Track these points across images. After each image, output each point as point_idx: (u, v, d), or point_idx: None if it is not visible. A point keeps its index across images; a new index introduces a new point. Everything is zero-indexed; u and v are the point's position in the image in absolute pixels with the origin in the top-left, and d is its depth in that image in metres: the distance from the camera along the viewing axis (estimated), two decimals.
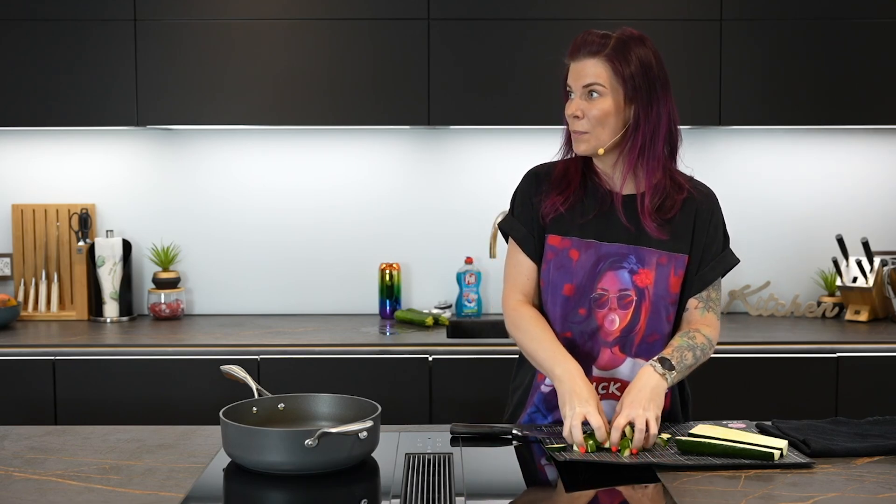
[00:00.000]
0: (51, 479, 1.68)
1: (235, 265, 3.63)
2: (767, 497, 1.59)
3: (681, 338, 1.98)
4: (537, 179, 2.06)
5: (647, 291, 1.99)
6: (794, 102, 3.27)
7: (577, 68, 1.95)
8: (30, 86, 3.23)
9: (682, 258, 2.00)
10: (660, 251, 1.99)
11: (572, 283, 1.99)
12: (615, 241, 1.99)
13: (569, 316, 2.00)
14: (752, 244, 3.66)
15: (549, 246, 2.02)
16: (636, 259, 1.98)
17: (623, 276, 1.98)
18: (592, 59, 1.93)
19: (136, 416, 2.98)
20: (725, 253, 2.07)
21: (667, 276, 1.99)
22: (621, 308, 1.99)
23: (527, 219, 2.05)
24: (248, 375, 1.92)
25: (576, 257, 1.99)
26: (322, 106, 3.24)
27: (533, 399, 2.08)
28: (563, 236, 2.01)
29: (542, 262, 2.03)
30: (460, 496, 1.59)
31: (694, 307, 2.04)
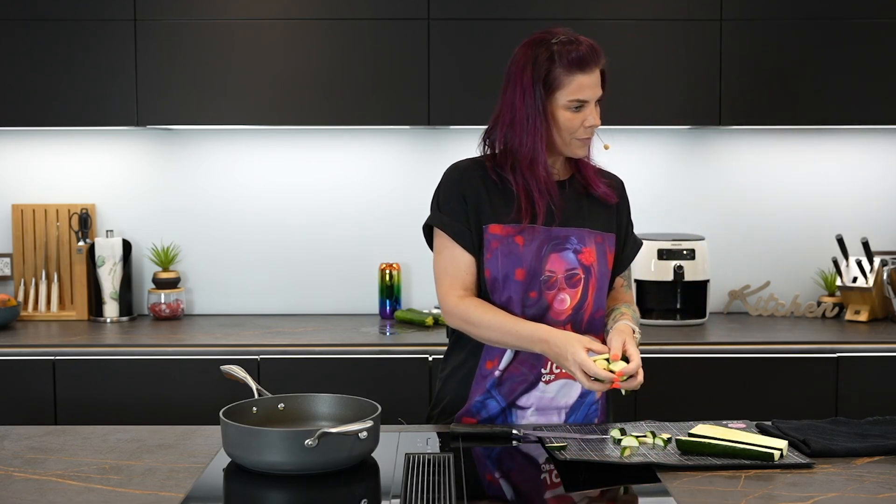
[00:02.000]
0: (51, 479, 1.68)
1: (235, 265, 3.63)
2: (767, 497, 1.59)
3: (629, 308, 2.12)
4: (465, 174, 2.09)
5: (592, 269, 2.07)
6: (794, 102, 3.27)
7: (593, 80, 2.01)
8: (30, 86, 3.23)
9: (612, 237, 2.13)
10: (595, 231, 2.09)
11: (523, 267, 2.03)
12: (555, 224, 2.06)
13: (522, 300, 2.04)
14: (752, 244, 3.66)
15: (493, 235, 2.05)
16: (577, 240, 2.06)
17: (568, 257, 2.05)
18: (598, 69, 2.02)
19: (136, 416, 2.98)
20: (634, 234, 2.22)
21: (604, 253, 2.10)
22: (570, 287, 2.05)
23: (459, 213, 2.07)
24: (248, 375, 1.93)
25: (522, 242, 2.04)
26: (322, 106, 3.24)
27: (484, 386, 2.08)
28: (505, 224, 2.04)
29: (486, 252, 2.05)
30: (460, 496, 1.59)
31: (620, 285, 2.20)
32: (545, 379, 2.06)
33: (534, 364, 2.05)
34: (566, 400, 2.09)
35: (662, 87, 3.26)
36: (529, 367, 2.06)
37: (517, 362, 2.06)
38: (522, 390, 2.07)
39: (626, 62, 3.25)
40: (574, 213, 2.08)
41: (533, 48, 2.01)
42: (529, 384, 2.06)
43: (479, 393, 2.09)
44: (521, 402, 2.08)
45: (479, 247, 2.06)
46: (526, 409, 2.08)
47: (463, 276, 2.07)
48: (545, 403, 2.08)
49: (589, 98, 2.01)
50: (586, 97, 2.00)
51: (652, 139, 3.62)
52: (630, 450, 1.82)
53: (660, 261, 3.36)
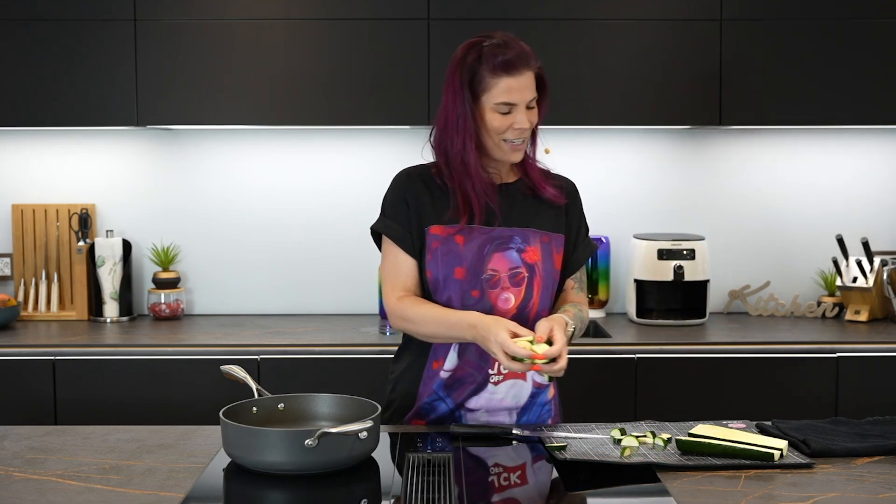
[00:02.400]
0: (51, 479, 1.68)
1: (235, 265, 3.63)
2: (767, 497, 1.59)
3: (575, 308, 2.10)
4: (411, 180, 2.12)
5: (536, 268, 2.07)
6: (794, 102, 3.27)
7: (520, 83, 2.00)
8: (30, 86, 3.23)
9: (561, 237, 2.12)
10: (541, 231, 2.09)
11: (462, 266, 2.04)
12: (498, 225, 2.06)
13: (463, 300, 2.04)
14: (752, 244, 3.66)
15: (433, 236, 2.06)
16: (521, 239, 2.07)
17: (512, 256, 2.05)
18: (530, 73, 2.02)
19: (136, 416, 2.98)
20: (588, 238, 2.21)
21: (550, 253, 2.09)
22: (514, 286, 2.05)
23: (403, 218, 2.09)
24: (248, 375, 1.93)
25: (462, 242, 2.05)
26: (322, 106, 3.24)
27: (431, 387, 2.08)
28: (446, 225, 2.06)
29: (427, 254, 2.06)
30: (460, 496, 1.59)
31: (571, 287, 2.18)
32: (493, 380, 2.06)
33: (481, 366, 2.05)
34: (517, 401, 2.08)
35: (662, 87, 3.26)
36: (476, 368, 2.06)
37: (464, 363, 2.06)
38: (471, 392, 2.06)
39: (626, 62, 3.25)
40: (519, 214, 2.09)
41: (465, 51, 2.03)
42: (478, 385, 2.06)
43: (428, 394, 2.09)
44: (469, 404, 2.07)
45: (422, 250, 2.07)
46: (475, 410, 2.08)
47: (404, 278, 2.09)
48: (494, 405, 2.07)
49: (516, 101, 2.00)
50: (514, 100, 2.00)
51: (652, 139, 3.62)
52: (630, 450, 1.82)
53: (660, 261, 3.36)
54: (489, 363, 2.05)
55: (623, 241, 3.60)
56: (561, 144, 3.61)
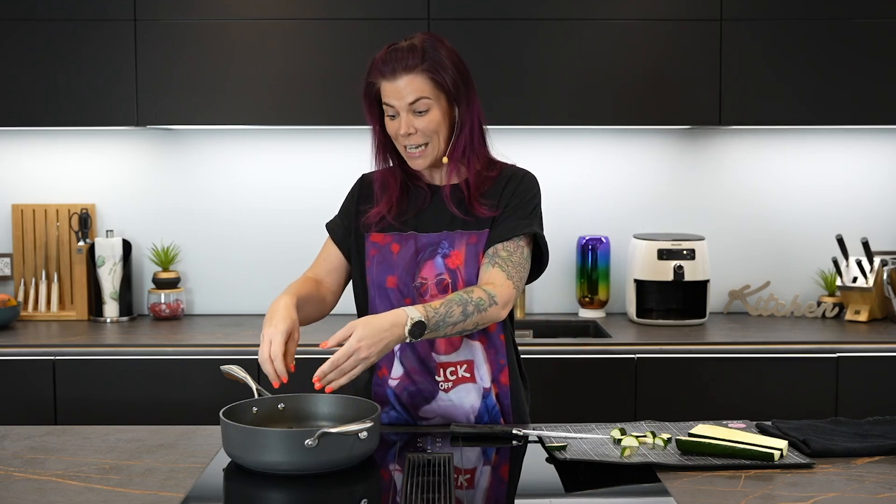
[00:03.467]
0: (51, 479, 1.68)
1: (235, 265, 3.63)
2: (767, 497, 1.59)
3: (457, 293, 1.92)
4: (362, 186, 2.14)
5: (458, 272, 2.01)
6: (794, 102, 3.27)
7: (396, 87, 1.96)
8: (30, 86, 3.23)
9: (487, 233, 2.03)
10: (468, 232, 2.03)
11: (394, 275, 2.03)
12: (431, 230, 2.04)
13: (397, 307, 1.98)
14: (752, 244, 3.66)
15: (372, 243, 2.06)
16: (448, 244, 2.03)
17: (438, 263, 2.02)
18: (409, 75, 1.96)
19: (136, 416, 2.98)
20: (525, 221, 2.01)
21: (476, 254, 2.01)
22: (441, 293, 2.01)
23: (348, 220, 2.12)
24: (248, 375, 1.92)
25: (396, 250, 2.04)
26: (322, 106, 3.24)
27: (384, 397, 2.06)
28: (385, 232, 2.06)
29: (367, 260, 2.06)
30: (460, 497, 1.59)
31: (483, 263, 1.99)
32: (443, 388, 2.03)
33: (428, 375, 2.02)
34: (471, 403, 2.04)
35: (662, 87, 3.26)
36: (425, 378, 2.02)
37: (410, 372, 2.02)
38: (421, 402, 2.04)
39: (626, 62, 3.25)
40: (448, 217, 2.04)
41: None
42: (429, 394, 2.03)
43: (385, 404, 2.06)
44: (423, 412, 2.05)
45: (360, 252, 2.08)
46: (431, 419, 2.05)
47: (319, 263, 2.12)
48: (449, 412, 2.04)
49: (395, 105, 1.97)
50: (391, 103, 1.97)
51: (652, 139, 3.62)
52: (630, 450, 1.82)
53: (660, 261, 3.36)
54: (435, 371, 2.02)
55: (623, 241, 3.60)
56: (561, 144, 3.61)
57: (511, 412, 2.09)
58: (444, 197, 2.06)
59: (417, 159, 2.01)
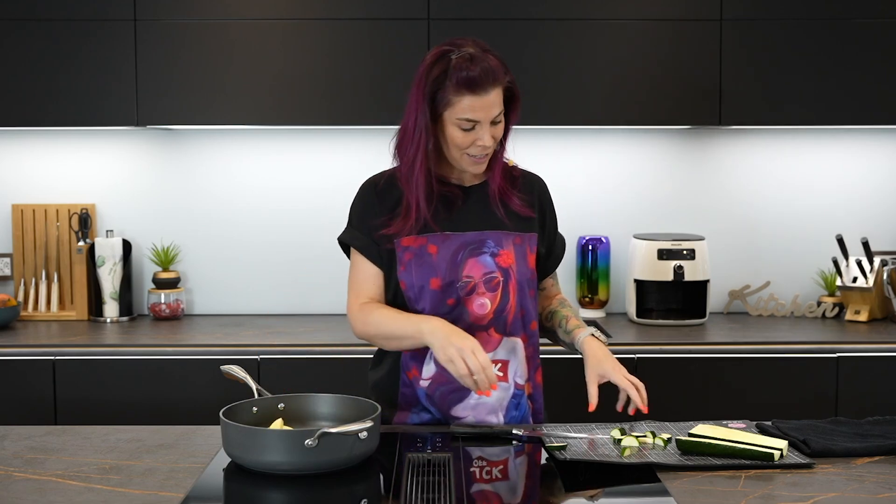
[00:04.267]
0: (51, 479, 1.68)
1: (235, 265, 3.63)
2: (767, 497, 1.59)
3: (564, 307, 2.18)
4: (376, 190, 2.11)
5: (511, 271, 2.05)
6: (794, 102, 3.27)
7: (483, 102, 1.96)
8: (30, 86, 3.23)
9: (534, 236, 2.11)
10: (513, 232, 2.08)
11: (437, 276, 2.02)
12: (469, 229, 2.05)
13: (438, 309, 2.02)
14: (752, 244, 3.66)
15: (405, 247, 2.04)
16: (494, 243, 2.05)
17: (486, 261, 2.04)
18: (496, 89, 1.98)
19: (136, 416, 2.98)
20: (560, 235, 2.24)
21: (524, 254, 2.08)
22: (489, 291, 2.03)
23: (368, 228, 2.09)
24: (248, 375, 1.93)
25: (435, 251, 2.03)
26: (322, 106, 3.24)
27: (415, 399, 2.07)
28: (417, 235, 2.04)
29: (399, 265, 2.04)
30: (460, 497, 1.59)
31: (551, 285, 2.24)
32: None
33: None
34: (501, 402, 2.06)
35: (662, 87, 3.26)
36: None
37: (442, 370, 2.01)
38: (455, 401, 2.04)
39: (626, 62, 3.25)
40: (489, 217, 2.07)
41: (433, 61, 1.99)
42: (462, 394, 2.04)
43: (414, 405, 2.07)
44: (455, 412, 2.05)
45: (392, 258, 2.06)
46: (463, 418, 2.05)
47: (369, 287, 2.08)
48: (481, 410, 2.05)
49: (480, 119, 1.97)
50: (476, 118, 1.97)
51: (652, 139, 3.62)
52: (630, 450, 1.82)
53: (660, 261, 3.36)
54: None
55: (623, 241, 3.60)
56: (561, 144, 3.61)
57: (542, 411, 2.15)
58: (480, 197, 2.09)
59: (479, 165, 2.05)
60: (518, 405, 2.09)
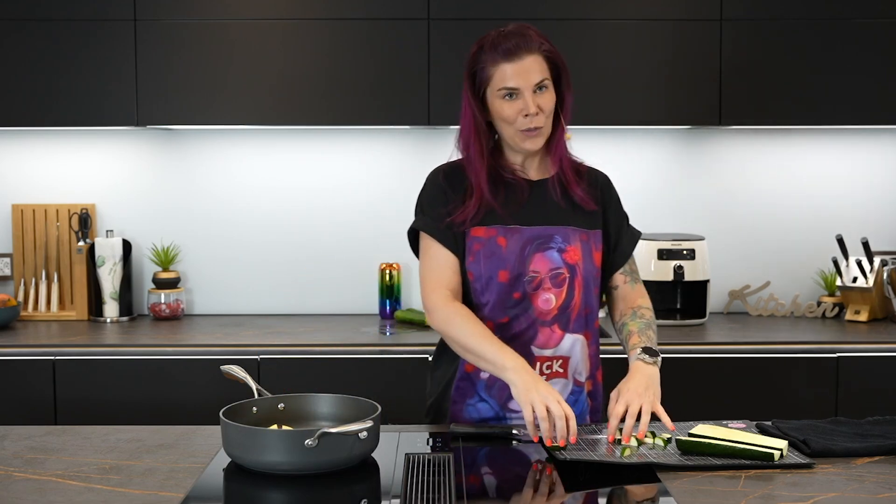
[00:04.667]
0: (51, 479, 1.68)
1: (235, 265, 3.63)
2: (767, 497, 1.59)
3: (634, 321, 2.09)
4: (447, 178, 2.09)
5: (577, 267, 2.05)
6: (794, 102, 3.27)
7: (521, 67, 1.98)
8: (30, 86, 3.23)
9: (598, 233, 2.10)
10: (580, 229, 2.07)
11: (506, 269, 2.02)
12: (537, 224, 2.05)
13: (504, 302, 2.03)
14: (752, 244, 3.66)
15: (475, 238, 2.04)
16: (562, 238, 2.05)
17: (553, 256, 2.03)
18: (533, 56, 1.99)
19: (136, 416, 2.98)
20: (630, 227, 2.20)
21: (590, 251, 2.08)
22: (555, 287, 2.03)
23: (441, 215, 2.06)
24: (248, 375, 1.92)
25: (504, 244, 2.03)
26: (322, 106, 3.24)
27: (475, 390, 2.07)
28: (488, 226, 2.04)
29: (468, 255, 2.04)
30: (460, 496, 1.59)
31: (623, 282, 2.16)
32: None
33: None
34: None
35: (662, 87, 3.26)
36: None
37: None
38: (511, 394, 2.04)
39: (626, 62, 3.25)
40: (557, 212, 2.07)
41: (475, 44, 2.04)
42: None
43: (470, 397, 2.08)
44: (512, 405, 2.05)
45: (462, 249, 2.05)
46: (519, 411, 2.05)
47: (448, 276, 2.06)
48: None
49: (519, 86, 1.98)
50: (515, 85, 1.98)
51: (652, 139, 3.62)
52: (630, 450, 1.82)
53: (660, 261, 3.36)
54: (531, 364, 2.01)
55: None
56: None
57: (600, 410, 2.13)
58: (548, 191, 2.08)
59: (533, 139, 2.02)
60: (576, 402, 2.08)
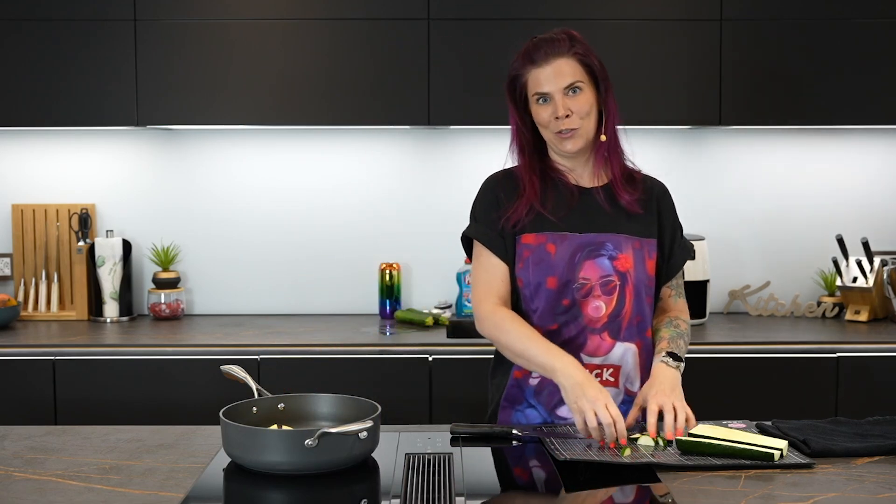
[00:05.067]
0: (51, 479, 1.68)
1: (235, 265, 3.63)
2: (767, 497, 1.59)
3: (668, 328, 2.08)
4: (500, 185, 2.10)
5: (628, 275, 2.03)
6: (794, 102, 3.27)
7: (551, 71, 1.99)
8: (30, 86, 3.23)
9: (653, 242, 2.08)
10: (633, 237, 2.06)
11: (555, 275, 2.01)
12: (588, 231, 2.04)
13: (554, 308, 2.02)
14: (752, 244, 3.66)
15: (525, 245, 2.03)
16: (613, 246, 2.03)
17: (603, 264, 2.02)
18: (562, 59, 1.99)
19: (136, 416, 2.98)
20: (683, 240, 2.17)
21: (642, 259, 2.06)
22: (605, 294, 2.02)
23: (493, 222, 2.07)
24: (248, 375, 1.92)
25: (553, 251, 2.02)
26: (322, 106, 3.24)
27: (522, 396, 2.07)
28: (538, 233, 2.03)
29: (518, 262, 2.04)
30: (460, 496, 1.59)
31: (668, 295, 2.16)
32: None
33: None
34: None
35: (662, 87, 3.26)
36: None
37: None
38: (561, 401, 2.02)
39: (626, 62, 3.25)
40: (610, 219, 2.05)
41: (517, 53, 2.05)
42: None
43: (519, 403, 2.07)
44: (561, 412, 2.05)
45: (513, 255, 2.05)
46: (567, 418, 2.04)
47: (498, 284, 2.06)
48: None
49: (548, 90, 1.99)
50: (545, 89, 1.99)
51: (652, 139, 3.62)
52: (630, 450, 1.82)
53: None
54: None
55: None
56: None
57: None
58: (600, 198, 2.06)
59: (570, 140, 2.02)
60: (627, 412, 2.02)
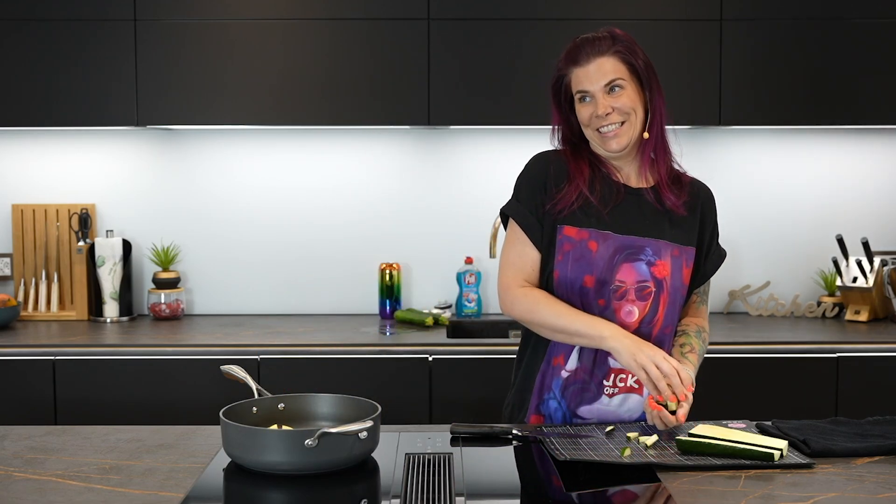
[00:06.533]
0: (51, 479, 1.68)
1: (235, 265, 3.63)
2: (767, 497, 1.59)
3: (697, 338, 2.09)
4: (548, 166, 2.05)
5: (665, 283, 2.00)
6: (794, 102, 3.27)
7: (592, 70, 1.98)
8: (30, 86, 3.23)
9: (691, 251, 2.05)
10: (673, 244, 2.02)
11: (593, 274, 1.98)
12: (630, 233, 2.00)
13: (587, 308, 1.99)
14: (752, 244, 3.66)
15: (566, 237, 2.00)
16: (652, 251, 2.00)
17: (641, 268, 1.99)
18: (604, 58, 1.98)
19: (136, 416, 2.98)
20: (718, 246, 2.16)
21: (680, 268, 2.03)
22: (640, 300, 1.99)
23: (535, 206, 2.04)
24: (248, 375, 1.92)
25: (595, 248, 1.99)
26: (322, 106, 3.24)
27: (549, 385, 2.05)
28: (580, 227, 2.00)
29: (557, 254, 2.00)
30: (460, 496, 1.59)
31: (694, 301, 2.15)
32: (607, 392, 2.02)
33: (595, 374, 2.01)
34: (629, 414, 2.04)
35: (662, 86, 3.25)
36: (594, 379, 2.01)
37: (581, 369, 2.01)
38: (584, 400, 2.02)
39: None
40: (652, 224, 2.02)
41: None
42: (592, 395, 2.02)
43: (547, 391, 2.05)
44: (581, 412, 2.04)
45: (551, 243, 2.02)
46: (588, 419, 2.04)
47: (529, 271, 2.04)
48: (607, 417, 2.03)
49: (589, 89, 1.98)
50: (586, 88, 1.99)
51: None
52: (630, 450, 1.82)
53: None
54: (605, 373, 2.01)
55: None
56: None
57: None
58: (645, 200, 2.04)
59: (613, 139, 2.00)
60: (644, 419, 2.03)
